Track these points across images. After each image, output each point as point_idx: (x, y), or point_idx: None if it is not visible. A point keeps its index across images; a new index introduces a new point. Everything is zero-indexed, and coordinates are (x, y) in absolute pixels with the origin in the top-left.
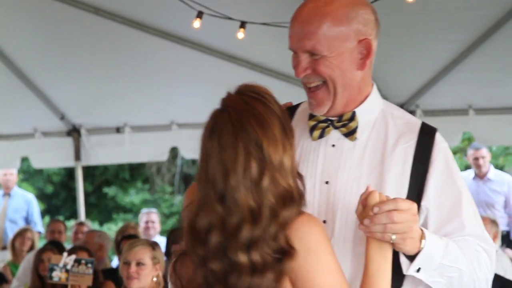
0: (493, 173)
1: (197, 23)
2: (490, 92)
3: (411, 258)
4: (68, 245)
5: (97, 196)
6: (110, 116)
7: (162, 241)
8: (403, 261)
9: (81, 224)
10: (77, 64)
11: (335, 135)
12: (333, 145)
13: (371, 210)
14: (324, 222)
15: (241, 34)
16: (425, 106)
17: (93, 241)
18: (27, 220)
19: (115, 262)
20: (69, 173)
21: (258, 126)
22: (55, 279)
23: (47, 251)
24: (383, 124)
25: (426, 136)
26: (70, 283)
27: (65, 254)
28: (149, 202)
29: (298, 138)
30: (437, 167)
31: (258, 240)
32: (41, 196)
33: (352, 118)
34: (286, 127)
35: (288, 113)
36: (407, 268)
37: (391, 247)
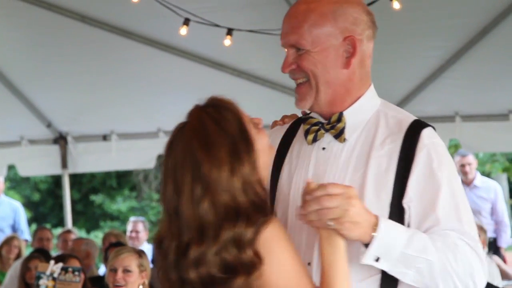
0: (479, 180)
1: (183, 30)
2: (476, 99)
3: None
4: (54, 253)
5: (84, 204)
6: (97, 123)
7: (149, 248)
8: (362, 250)
9: (68, 232)
10: (63, 72)
11: (327, 138)
12: (323, 148)
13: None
14: None
15: (227, 41)
16: (412, 113)
17: (80, 248)
18: (14, 228)
19: (102, 270)
20: (56, 181)
21: (201, 148)
22: (42, 287)
23: (34, 259)
24: (374, 125)
25: (412, 134)
26: None
27: (52, 262)
28: (136, 210)
29: (300, 144)
30: (418, 163)
31: (205, 259)
32: (28, 204)
33: (339, 119)
34: (241, 145)
35: (295, 125)
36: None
37: (340, 236)
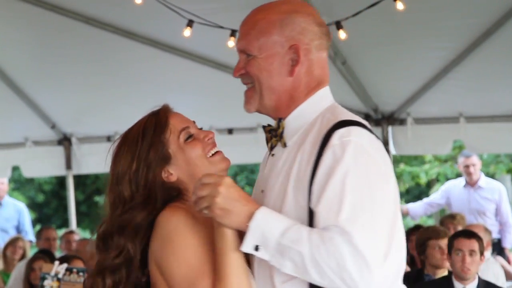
0: (484, 181)
1: (187, 32)
2: (480, 100)
3: None
4: (58, 254)
5: (88, 205)
6: (101, 124)
7: None
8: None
9: (70, 232)
10: (67, 73)
11: (278, 145)
12: (272, 155)
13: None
14: None
15: (231, 43)
16: (416, 114)
17: (84, 249)
18: (18, 229)
19: None
20: (60, 182)
21: (118, 144)
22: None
23: (39, 259)
24: (309, 129)
25: (326, 135)
26: None
27: (56, 262)
28: None
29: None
30: (322, 164)
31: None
32: (32, 205)
33: (278, 125)
34: (143, 147)
35: None
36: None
37: (223, 225)
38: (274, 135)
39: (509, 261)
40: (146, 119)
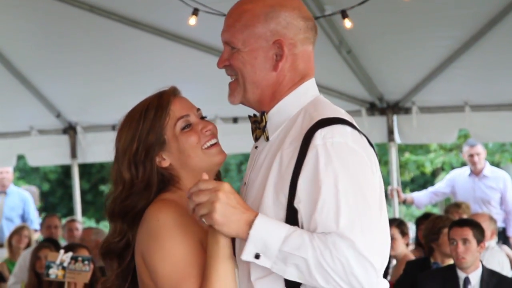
0: (488, 169)
1: (192, 20)
2: (486, 89)
3: None
4: (62, 242)
5: (93, 194)
6: (106, 113)
7: None
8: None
9: (72, 221)
10: (72, 62)
11: (262, 137)
12: (256, 147)
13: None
14: None
15: None
16: (421, 103)
17: (90, 238)
18: (23, 218)
19: None
20: (66, 171)
21: (121, 125)
22: (52, 276)
23: (44, 248)
24: (291, 123)
25: (308, 134)
26: (67, 280)
27: (61, 251)
28: None
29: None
30: (306, 164)
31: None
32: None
33: (261, 118)
34: (142, 134)
35: None
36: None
37: (219, 232)
38: (258, 127)
39: None
40: (151, 99)
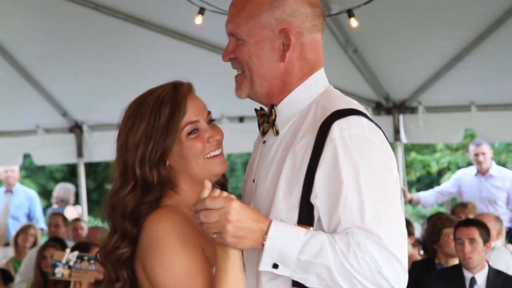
0: (495, 169)
1: (199, 20)
2: (492, 89)
3: None
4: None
5: (99, 193)
6: (112, 112)
7: None
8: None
9: (77, 220)
10: (78, 61)
11: (270, 132)
12: (264, 142)
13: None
14: None
15: None
16: (427, 102)
17: (95, 237)
18: (29, 216)
19: None
20: (71, 169)
21: (127, 117)
22: (58, 275)
23: (50, 247)
24: (303, 116)
25: (324, 126)
26: (73, 279)
27: (67, 250)
28: None
29: (259, 136)
30: (324, 158)
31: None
32: (43, 193)
33: (271, 111)
34: (158, 135)
35: None
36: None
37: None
38: (267, 120)
39: None
40: (165, 91)
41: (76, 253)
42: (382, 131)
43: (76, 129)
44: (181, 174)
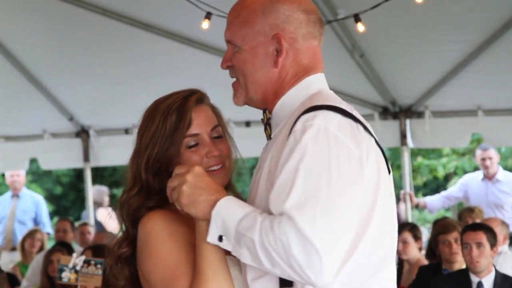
0: (502, 174)
1: (205, 24)
2: (499, 93)
3: None
4: (75, 246)
5: None
6: (119, 117)
7: None
8: None
9: (85, 224)
10: (85, 65)
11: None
12: (265, 145)
13: None
14: None
15: None
16: (434, 107)
17: (102, 242)
18: (35, 221)
19: None
20: (78, 174)
21: (143, 120)
22: (65, 280)
23: (57, 252)
24: (288, 118)
25: (295, 121)
26: (80, 284)
27: (74, 255)
28: None
29: None
30: (283, 152)
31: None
32: (50, 197)
33: (264, 115)
34: (162, 139)
35: None
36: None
37: (198, 218)
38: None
39: None
40: (178, 99)
41: (82, 257)
42: (374, 137)
43: (82, 133)
44: None
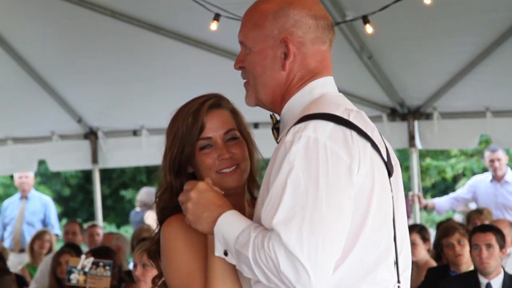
0: (510, 175)
1: (214, 26)
2: (507, 94)
3: None
4: (84, 248)
5: (114, 199)
6: (127, 118)
7: None
8: None
9: (94, 226)
10: (94, 67)
11: None
12: (275, 148)
13: None
14: None
15: None
16: (442, 108)
17: (111, 243)
18: (44, 222)
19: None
20: (86, 176)
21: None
22: (73, 281)
23: (65, 253)
24: (290, 126)
25: (287, 132)
26: (88, 286)
27: (83, 256)
28: None
29: None
30: (275, 162)
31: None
32: (58, 199)
33: (271, 119)
34: (180, 137)
35: None
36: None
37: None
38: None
39: None
40: (197, 102)
41: (91, 259)
42: (371, 140)
43: (91, 135)
44: None
